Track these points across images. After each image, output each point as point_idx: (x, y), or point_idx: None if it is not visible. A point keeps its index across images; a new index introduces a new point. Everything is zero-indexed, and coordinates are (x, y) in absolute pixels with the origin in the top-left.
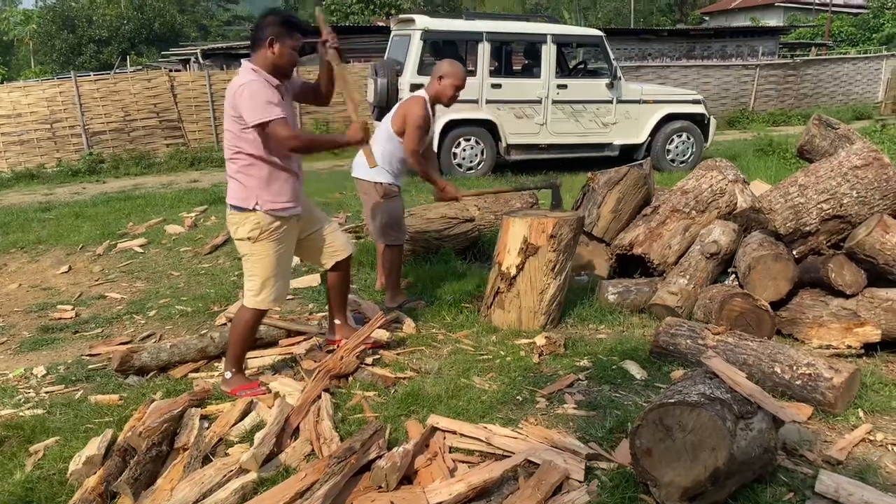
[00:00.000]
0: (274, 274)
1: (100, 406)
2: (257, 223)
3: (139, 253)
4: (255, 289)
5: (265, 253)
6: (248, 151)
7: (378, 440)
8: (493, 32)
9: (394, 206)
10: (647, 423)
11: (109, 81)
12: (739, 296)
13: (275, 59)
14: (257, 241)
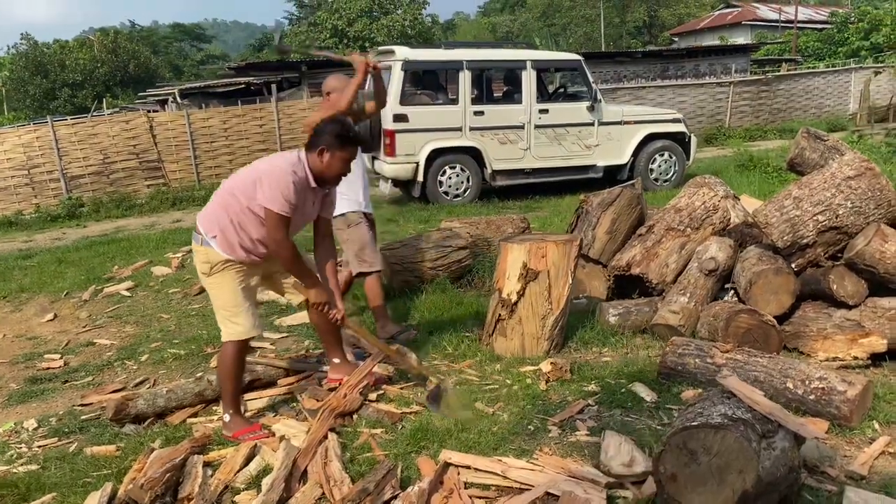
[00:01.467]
0: (241, 302)
1: (96, 458)
2: (209, 257)
3: (126, 297)
4: (227, 321)
5: (224, 282)
6: (245, 206)
7: (391, 480)
8: (472, 60)
9: (359, 232)
10: (671, 448)
11: (87, 125)
12: (745, 312)
13: (323, 168)
14: (211, 274)
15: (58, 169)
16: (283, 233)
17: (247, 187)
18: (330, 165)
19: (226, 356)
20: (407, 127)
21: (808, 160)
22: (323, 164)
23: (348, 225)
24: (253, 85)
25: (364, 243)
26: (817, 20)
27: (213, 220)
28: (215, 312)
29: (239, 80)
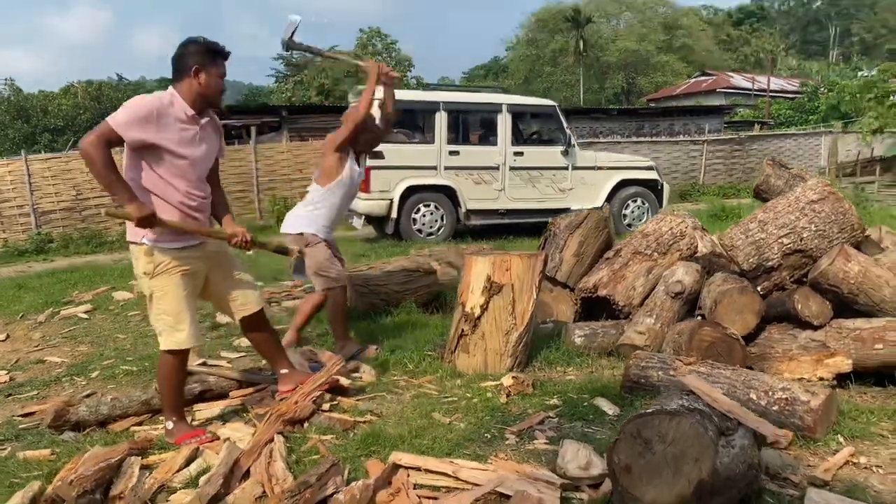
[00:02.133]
0: (184, 309)
1: (28, 462)
2: (150, 258)
3: (84, 319)
4: (168, 329)
5: (168, 287)
6: (130, 177)
7: (335, 476)
8: (449, 102)
9: (316, 251)
10: (625, 437)
11: (61, 160)
12: (709, 325)
13: (201, 89)
14: (154, 275)
15: (28, 204)
16: (97, 138)
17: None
18: (208, 84)
19: (167, 366)
20: (382, 164)
21: (774, 187)
22: (202, 86)
23: (306, 244)
24: (233, 128)
25: (322, 259)
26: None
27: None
28: (155, 321)
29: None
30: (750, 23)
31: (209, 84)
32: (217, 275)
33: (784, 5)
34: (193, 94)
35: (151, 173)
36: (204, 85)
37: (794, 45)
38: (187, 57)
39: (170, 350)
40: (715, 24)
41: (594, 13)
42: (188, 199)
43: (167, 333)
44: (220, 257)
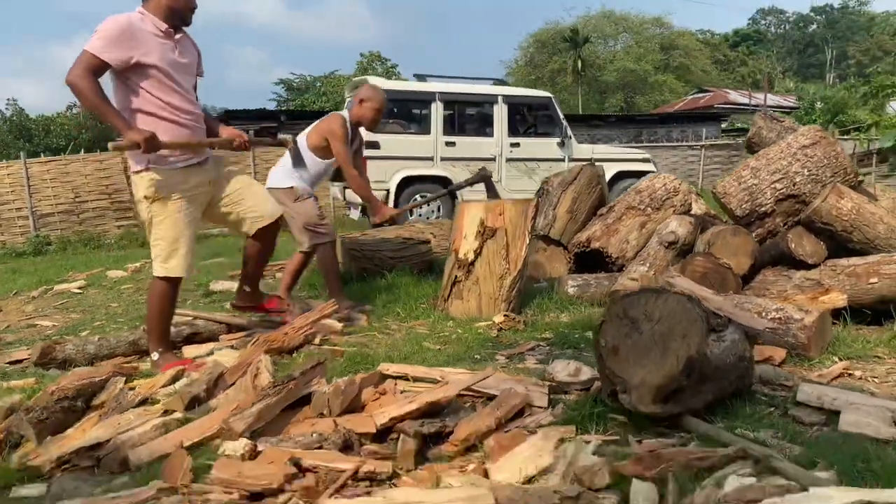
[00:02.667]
0: (181, 236)
1: (12, 390)
2: (151, 180)
3: (77, 293)
4: (163, 254)
5: (167, 212)
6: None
7: (320, 373)
8: (445, 93)
9: (306, 206)
10: (612, 318)
11: (61, 163)
12: (701, 255)
13: (170, 3)
14: (155, 199)
15: (27, 206)
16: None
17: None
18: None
19: (157, 294)
20: (378, 154)
21: (766, 139)
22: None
23: (295, 199)
24: None
25: (312, 214)
26: (785, 105)
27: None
28: (152, 247)
29: None
30: (747, 45)
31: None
32: (222, 188)
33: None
34: (163, 8)
35: (140, 95)
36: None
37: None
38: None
39: (162, 277)
40: (712, 44)
41: (592, 34)
42: (180, 116)
43: (161, 259)
44: (224, 174)
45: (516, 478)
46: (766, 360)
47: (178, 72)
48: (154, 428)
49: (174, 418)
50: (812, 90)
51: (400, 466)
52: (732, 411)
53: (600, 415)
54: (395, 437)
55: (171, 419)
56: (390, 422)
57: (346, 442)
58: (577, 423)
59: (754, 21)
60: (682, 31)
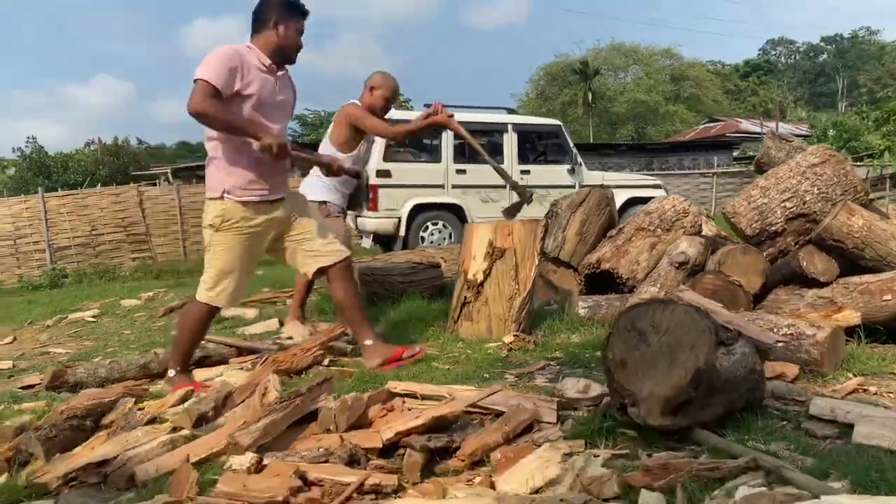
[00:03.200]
0: (233, 269)
1: (23, 412)
2: (223, 210)
3: (90, 322)
4: (210, 281)
5: (226, 243)
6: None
7: (327, 390)
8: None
9: (337, 224)
10: (619, 331)
11: (78, 197)
12: (711, 273)
13: (280, 41)
14: (220, 230)
15: (44, 240)
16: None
17: None
18: (287, 37)
19: (193, 316)
20: (390, 182)
21: (775, 159)
22: (280, 38)
23: (327, 214)
24: None
25: (339, 234)
26: (798, 134)
27: (215, 176)
28: (204, 271)
29: None
30: (757, 75)
31: (288, 37)
32: (293, 229)
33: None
34: (272, 46)
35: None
36: (282, 37)
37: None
38: (268, 10)
39: (203, 302)
40: (722, 75)
41: (602, 66)
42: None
43: (207, 286)
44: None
45: (523, 489)
46: (778, 376)
47: (273, 108)
48: (161, 445)
49: (181, 435)
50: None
51: (406, 480)
52: (744, 425)
53: (610, 429)
54: (402, 452)
55: (179, 436)
56: (396, 437)
57: (352, 456)
58: (586, 438)
59: (764, 52)
60: (692, 62)
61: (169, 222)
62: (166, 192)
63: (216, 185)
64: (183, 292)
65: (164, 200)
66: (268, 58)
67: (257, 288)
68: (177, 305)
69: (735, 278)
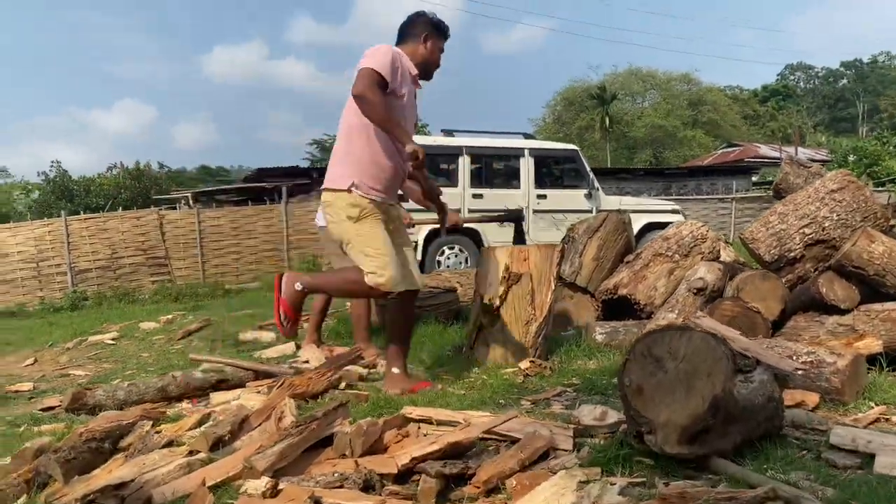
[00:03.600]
0: (390, 252)
1: (42, 433)
2: (356, 201)
3: (110, 344)
4: (377, 267)
5: (373, 229)
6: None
7: (343, 414)
8: (472, 147)
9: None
10: (636, 357)
11: (99, 220)
12: (729, 299)
13: (426, 55)
14: (359, 219)
15: (66, 262)
16: (371, 83)
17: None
18: (433, 52)
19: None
20: (406, 207)
21: (793, 185)
22: (427, 51)
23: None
24: (265, 191)
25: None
26: (818, 159)
27: (344, 169)
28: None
29: (251, 185)
30: (776, 100)
31: (433, 52)
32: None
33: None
34: (418, 58)
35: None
36: (429, 52)
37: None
38: (419, 25)
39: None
40: (740, 100)
41: (619, 91)
42: (397, 156)
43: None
44: (400, 226)
45: None
46: (798, 404)
47: (410, 117)
48: (178, 468)
49: (198, 458)
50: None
51: None
52: (762, 454)
53: (626, 457)
54: (418, 478)
55: (195, 459)
56: (412, 462)
57: (367, 482)
58: (602, 465)
59: (783, 77)
60: (710, 88)
61: (188, 245)
62: (186, 216)
63: (343, 178)
64: (201, 315)
65: (183, 224)
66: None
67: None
68: (194, 328)
69: (753, 304)
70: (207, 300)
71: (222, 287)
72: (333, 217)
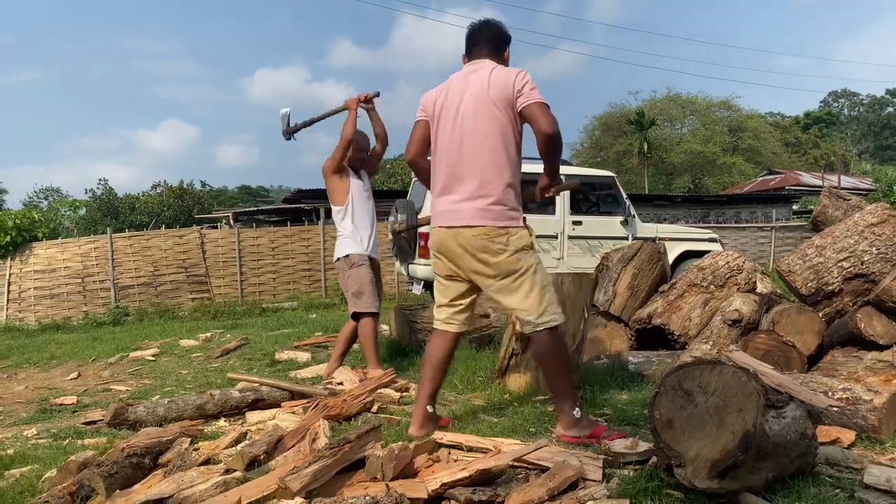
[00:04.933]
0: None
1: (86, 447)
2: (525, 237)
3: (150, 361)
4: (546, 302)
5: (538, 260)
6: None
7: (375, 437)
8: None
9: (359, 273)
10: (666, 390)
11: (143, 238)
12: (764, 332)
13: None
14: (530, 250)
15: (109, 279)
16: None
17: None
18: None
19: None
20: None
21: (832, 218)
22: (506, 63)
23: (350, 266)
24: (303, 211)
25: (363, 284)
26: (862, 188)
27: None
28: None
29: (290, 206)
30: (818, 127)
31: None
32: None
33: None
34: None
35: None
36: (507, 62)
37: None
38: (504, 35)
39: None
40: (782, 127)
41: (658, 116)
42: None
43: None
44: None
45: None
46: (833, 441)
47: None
48: (215, 486)
49: (234, 477)
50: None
51: None
52: (794, 491)
53: (655, 489)
54: (447, 503)
55: (232, 478)
56: (441, 488)
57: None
58: (630, 497)
59: (826, 104)
60: (750, 114)
61: (228, 264)
62: (226, 235)
63: (516, 214)
64: (238, 333)
65: (224, 243)
66: None
67: (310, 332)
68: (232, 347)
69: (789, 339)
70: (245, 318)
71: (259, 306)
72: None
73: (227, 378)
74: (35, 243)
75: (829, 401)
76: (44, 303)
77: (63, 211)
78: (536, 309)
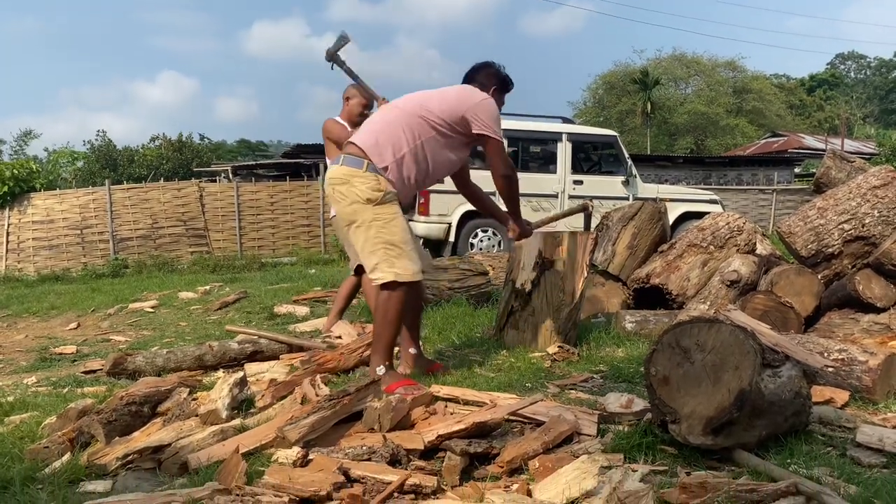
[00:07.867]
0: (409, 237)
1: (86, 395)
2: (378, 185)
3: (149, 312)
4: (390, 257)
5: (394, 215)
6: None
7: (374, 391)
8: (508, 130)
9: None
10: (663, 347)
11: (141, 190)
12: (762, 293)
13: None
14: (380, 203)
15: (108, 230)
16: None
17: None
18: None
19: (390, 300)
20: (441, 188)
21: (835, 179)
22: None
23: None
24: (302, 166)
25: None
26: (865, 152)
27: (386, 148)
28: (370, 253)
29: (289, 160)
30: (823, 90)
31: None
32: None
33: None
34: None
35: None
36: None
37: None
38: (491, 78)
39: (391, 282)
40: (787, 89)
41: (662, 76)
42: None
43: (387, 264)
44: None
45: (559, 499)
46: (827, 401)
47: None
48: (213, 434)
49: (232, 426)
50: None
51: (445, 482)
52: (787, 448)
53: (650, 445)
54: (443, 455)
55: (229, 427)
56: (438, 439)
57: (394, 456)
58: (625, 452)
59: (832, 66)
60: (755, 75)
61: (226, 218)
62: (225, 189)
63: (382, 159)
64: (237, 287)
65: (222, 197)
66: None
67: (310, 286)
68: (230, 300)
69: (787, 299)
70: (244, 272)
71: (258, 260)
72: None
73: (226, 330)
74: (33, 194)
75: (824, 361)
76: (42, 254)
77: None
78: (368, 264)
